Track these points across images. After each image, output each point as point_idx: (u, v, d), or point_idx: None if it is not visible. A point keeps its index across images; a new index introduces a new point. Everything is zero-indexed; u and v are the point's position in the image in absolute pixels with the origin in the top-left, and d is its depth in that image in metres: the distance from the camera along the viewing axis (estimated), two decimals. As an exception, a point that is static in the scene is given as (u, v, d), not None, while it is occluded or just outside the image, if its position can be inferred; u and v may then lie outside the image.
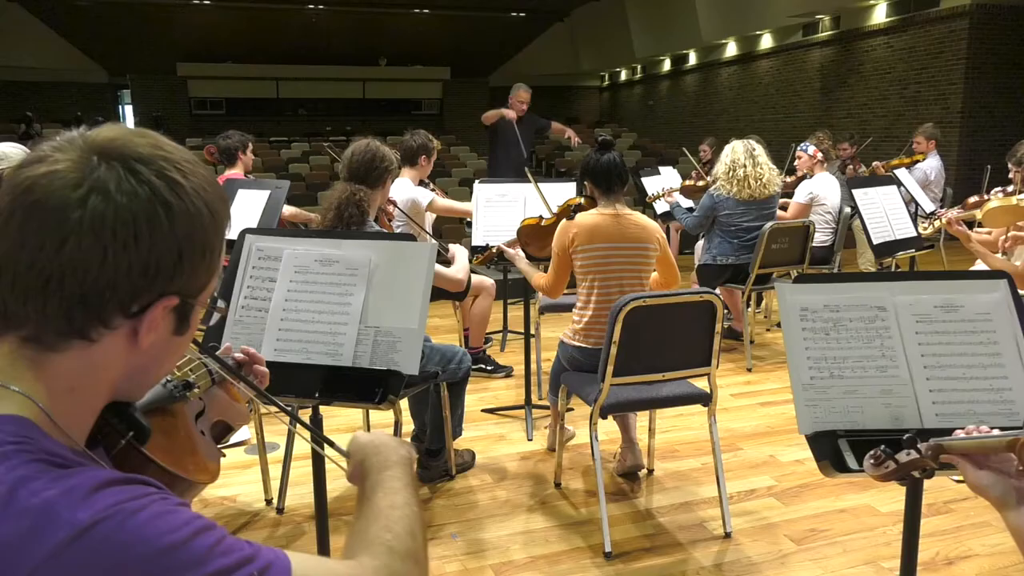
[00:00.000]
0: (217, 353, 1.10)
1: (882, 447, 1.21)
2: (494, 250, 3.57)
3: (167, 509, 0.67)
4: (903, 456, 1.18)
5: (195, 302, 0.78)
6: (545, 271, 3.18)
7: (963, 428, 1.20)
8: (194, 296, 0.78)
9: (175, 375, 0.98)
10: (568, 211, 3.28)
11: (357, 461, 0.97)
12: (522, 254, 3.41)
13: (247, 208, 3.99)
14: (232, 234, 2.26)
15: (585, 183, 3.09)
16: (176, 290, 0.74)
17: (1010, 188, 3.71)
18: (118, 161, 0.71)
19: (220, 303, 1.01)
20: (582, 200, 3.29)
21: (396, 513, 0.87)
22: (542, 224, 3.45)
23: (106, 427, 0.80)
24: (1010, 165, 3.80)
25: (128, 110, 19.74)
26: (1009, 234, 3.54)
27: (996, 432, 1.13)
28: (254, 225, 3.85)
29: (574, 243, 2.92)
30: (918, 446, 1.17)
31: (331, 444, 1.08)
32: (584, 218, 2.95)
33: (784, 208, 5.17)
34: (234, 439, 3.42)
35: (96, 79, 18.49)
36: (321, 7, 16.19)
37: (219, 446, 1.06)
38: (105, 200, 0.69)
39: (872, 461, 1.22)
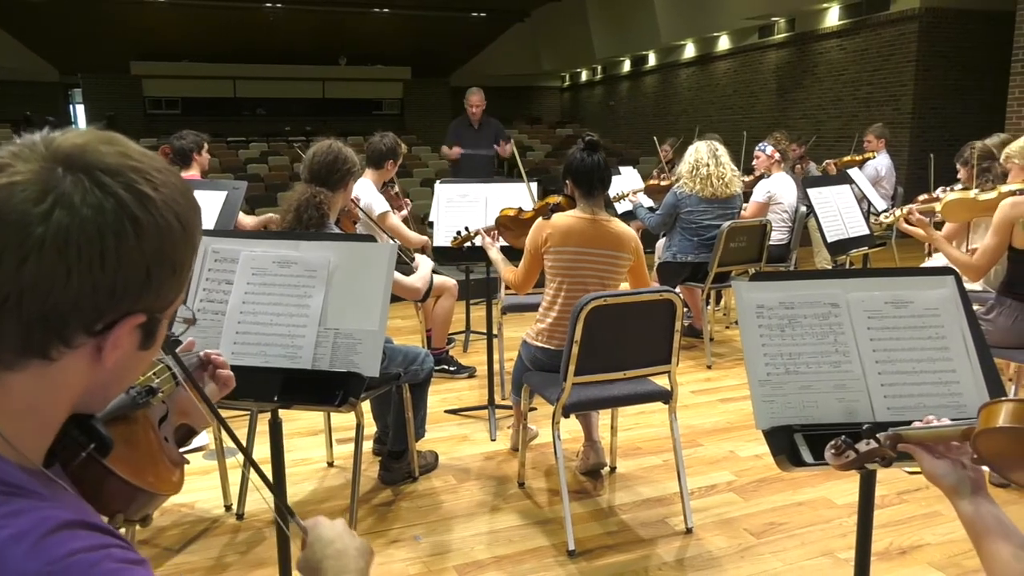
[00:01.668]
0: (179, 350, 1.08)
1: (843, 437, 1.24)
2: (472, 233, 3.57)
3: (125, 568, 0.63)
4: (863, 446, 1.21)
5: (163, 318, 0.74)
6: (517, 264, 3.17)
7: (919, 419, 1.24)
8: (162, 312, 0.74)
9: (138, 379, 0.96)
10: (546, 208, 3.28)
11: (314, 556, 0.94)
12: (497, 244, 3.40)
13: (204, 209, 3.91)
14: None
15: (566, 181, 3.03)
16: (143, 308, 0.70)
17: (959, 187, 3.82)
18: (83, 172, 0.66)
19: (188, 313, 0.98)
20: (561, 199, 3.28)
21: None
22: (521, 216, 3.45)
23: (65, 439, 0.76)
24: (958, 166, 3.91)
25: (80, 109, 19.26)
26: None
27: (950, 422, 1.16)
28: (211, 227, 3.78)
29: (547, 243, 2.92)
30: (877, 436, 1.20)
31: (291, 514, 1.04)
32: (560, 219, 2.94)
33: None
34: (193, 444, 3.37)
35: (46, 78, 17.99)
36: (279, 5, 15.99)
37: (182, 450, 1.03)
38: (69, 215, 0.64)
39: (833, 451, 1.25)
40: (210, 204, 3.97)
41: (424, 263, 3.02)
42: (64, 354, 0.68)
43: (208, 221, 3.90)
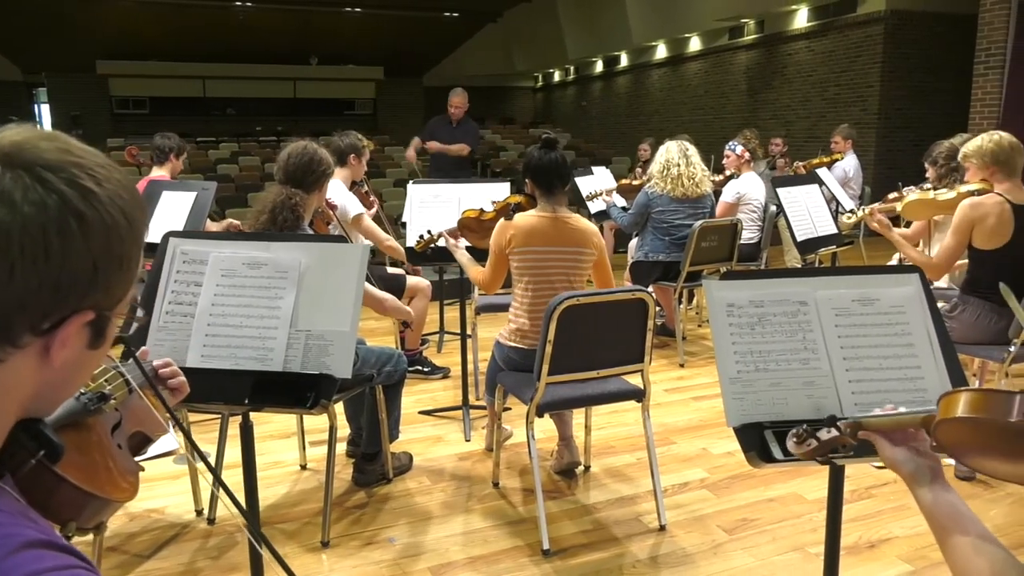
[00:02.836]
0: (133, 359, 1.06)
1: (804, 426, 1.26)
2: (435, 236, 3.57)
3: None
4: (824, 434, 1.23)
5: (112, 315, 0.73)
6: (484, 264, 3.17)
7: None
8: (111, 309, 0.72)
9: (89, 386, 0.93)
10: (507, 209, 3.28)
11: None
12: (462, 244, 3.40)
13: (172, 210, 3.87)
14: (156, 237, 2.19)
15: (526, 180, 3.04)
16: (91, 304, 0.69)
17: (927, 186, 3.89)
18: (24, 169, 0.65)
19: (140, 312, 0.96)
20: (521, 199, 3.28)
21: None
22: (482, 218, 3.45)
23: (13, 446, 0.74)
24: (927, 165, 3.98)
25: (45, 109, 18.89)
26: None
27: (908, 409, 1.18)
28: (180, 228, 3.74)
29: (511, 244, 2.93)
30: (838, 423, 1.22)
31: (204, 460, 1.03)
32: (522, 219, 2.95)
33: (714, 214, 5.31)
34: (162, 449, 3.33)
35: (9, 76, 17.63)
36: (249, 4, 15.82)
37: (139, 459, 1.02)
38: (11, 212, 0.63)
39: (795, 440, 1.26)
40: (179, 205, 3.93)
41: (395, 301, 3.00)
42: (10, 354, 0.67)
43: (177, 222, 3.85)
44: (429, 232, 3.64)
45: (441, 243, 3.56)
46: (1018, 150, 3.17)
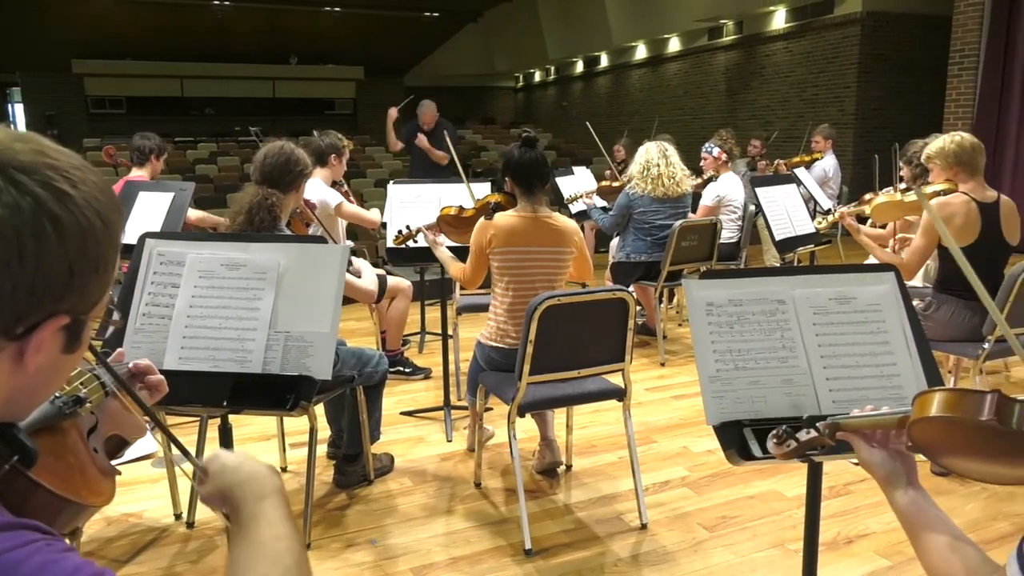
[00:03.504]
0: (109, 360, 1.04)
1: (783, 427, 1.27)
2: (414, 231, 3.56)
3: (53, 558, 0.61)
4: (803, 435, 1.24)
5: (87, 318, 0.72)
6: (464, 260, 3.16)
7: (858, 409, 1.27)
8: (86, 313, 0.71)
9: (64, 389, 0.92)
10: (487, 207, 3.28)
11: (222, 485, 0.89)
12: (442, 241, 3.40)
13: (149, 211, 3.83)
14: (132, 238, 2.16)
15: (506, 179, 3.03)
16: (67, 308, 0.68)
17: (902, 186, 3.94)
18: None
19: (116, 315, 0.95)
20: (501, 198, 3.28)
21: (282, 545, 0.81)
22: (462, 215, 3.45)
23: None
24: (902, 164, 4.03)
25: (19, 109, 18.62)
26: (898, 236, 3.78)
27: (888, 410, 1.19)
28: (157, 229, 3.70)
29: (491, 244, 2.92)
30: (817, 424, 1.23)
31: (187, 455, 1.00)
32: (502, 219, 2.95)
33: (693, 211, 5.34)
34: (140, 452, 3.29)
35: (-19, 76, 17.39)
36: (227, 3, 15.70)
37: (115, 462, 1.00)
38: None
39: (775, 441, 1.28)
40: (156, 206, 3.89)
41: (364, 266, 2.98)
42: None
43: (154, 222, 3.82)
44: (408, 228, 3.63)
45: (420, 239, 3.56)
46: (979, 150, 3.23)
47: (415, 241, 3.62)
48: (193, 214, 4.45)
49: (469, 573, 2.51)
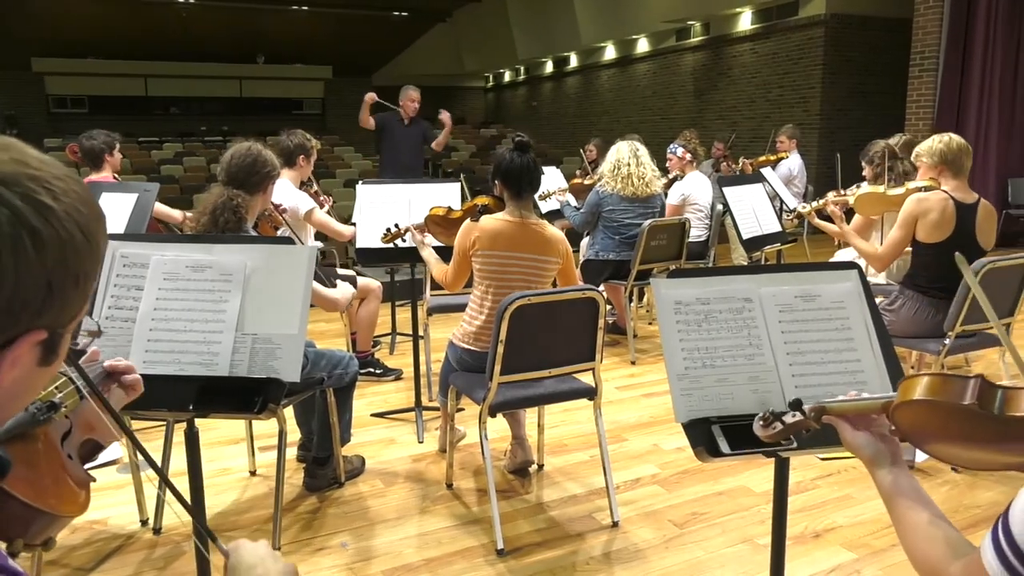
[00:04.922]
0: (84, 359, 1.02)
1: (770, 410, 1.30)
2: (403, 230, 3.55)
3: None
4: (789, 418, 1.27)
5: (65, 332, 0.70)
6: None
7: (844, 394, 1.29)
8: (64, 326, 0.69)
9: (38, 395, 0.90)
10: (475, 210, 3.27)
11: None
12: (428, 240, 3.38)
13: (112, 213, 3.75)
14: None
15: (496, 182, 3.00)
16: (45, 324, 0.66)
17: (864, 184, 4.02)
18: None
19: (93, 325, 0.93)
20: (489, 201, 3.27)
21: None
22: (450, 216, 3.44)
23: None
24: (863, 163, 4.11)
25: (-24, 108, 18.17)
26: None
27: (871, 395, 1.22)
28: (121, 231, 3.63)
29: (475, 246, 2.91)
30: (803, 408, 1.25)
31: (212, 538, 1.01)
32: (488, 222, 2.93)
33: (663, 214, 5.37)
34: (106, 458, 3.23)
35: (-62, 74, 16.93)
36: (192, 1, 15.47)
37: (87, 466, 0.98)
38: None
39: (761, 423, 1.30)
40: (120, 207, 3.82)
41: (345, 288, 2.96)
42: None
43: (118, 224, 3.75)
44: (397, 226, 3.60)
45: (408, 238, 3.54)
46: (966, 152, 3.30)
47: (403, 240, 3.60)
48: (156, 207, 4.36)
49: (442, 574, 2.51)
